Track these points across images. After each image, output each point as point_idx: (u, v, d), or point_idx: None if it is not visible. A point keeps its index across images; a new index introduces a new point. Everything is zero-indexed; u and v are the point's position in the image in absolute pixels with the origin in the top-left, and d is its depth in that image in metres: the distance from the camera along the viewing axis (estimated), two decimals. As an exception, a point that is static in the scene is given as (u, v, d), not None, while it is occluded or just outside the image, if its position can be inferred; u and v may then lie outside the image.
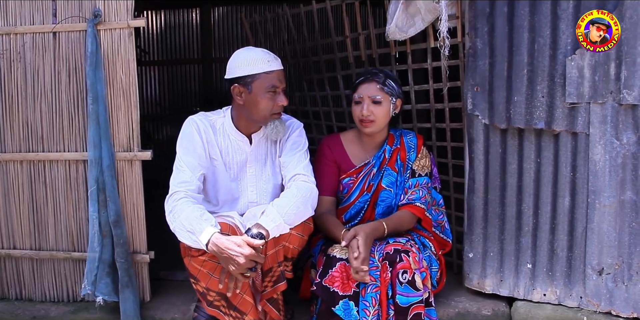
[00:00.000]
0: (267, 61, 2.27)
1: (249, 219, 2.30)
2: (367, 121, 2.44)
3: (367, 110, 2.42)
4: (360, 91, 2.45)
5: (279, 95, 2.28)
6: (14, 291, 2.76)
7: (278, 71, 2.29)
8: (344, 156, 2.57)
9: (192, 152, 2.30)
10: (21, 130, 2.63)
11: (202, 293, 2.28)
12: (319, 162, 2.56)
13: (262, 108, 2.27)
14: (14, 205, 2.68)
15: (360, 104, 2.44)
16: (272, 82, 2.26)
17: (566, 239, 2.43)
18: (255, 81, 2.25)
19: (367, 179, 2.54)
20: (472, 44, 2.48)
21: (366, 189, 2.54)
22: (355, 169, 2.55)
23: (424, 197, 2.49)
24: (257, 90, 2.25)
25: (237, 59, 2.30)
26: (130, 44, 2.53)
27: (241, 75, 2.26)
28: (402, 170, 2.54)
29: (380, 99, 2.42)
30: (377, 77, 2.44)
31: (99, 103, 2.49)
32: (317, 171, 2.51)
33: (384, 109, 2.44)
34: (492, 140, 2.50)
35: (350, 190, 2.54)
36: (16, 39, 2.59)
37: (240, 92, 2.28)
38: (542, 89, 2.37)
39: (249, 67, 2.26)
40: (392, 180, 2.54)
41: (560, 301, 2.47)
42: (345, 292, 2.23)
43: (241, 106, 2.31)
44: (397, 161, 2.55)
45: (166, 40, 6.63)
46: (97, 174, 2.51)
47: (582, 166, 2.37)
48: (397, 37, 2.71)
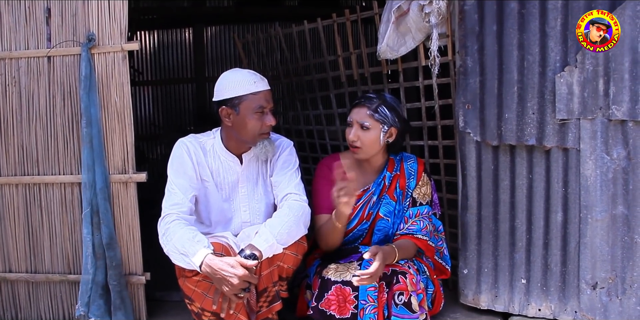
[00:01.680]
0: (254, 82, 2.29)
1: (243, 240, 2.31)
2: (354, 147, 2.42)
3: (353, 135, 2.40)
4: (352, 115, 2.43)
5: (267, 116, 2.30)
6: (9, 314, 2.75)
7: (265, 92, 2.31)
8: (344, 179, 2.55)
9: (183, 174, 2.31)
10: (16, 153, 2.64)
11: (197, 313, 2.27)
12: (318, 182, 2.53)
13: (250, 128, 2.28)
14: (9, 228, 2.68)
15: (350, 128, 2.43)
16: (259, 102, 2.27)
17: (560, 254, 2.45)
18: (243, 102, 2.27)
19: (367, 207, 2.51)
20: (462, 62, 2.51)
21: (365, 217, 2.51)
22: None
23: (425, 228, 2.45)
24: (245, 111, 2.27)
25: (224, 81, 2.33)
26: (124, 67, 2.55)
27: (228, 97, 2.28)
28: (401, 198, 2.51)
29: (368, 125, 2.38)
30: (370, 103, 2.40)
31: (93, 126, 2.51)
32: (316, 190, 2.50)
33: (372, 136, 2.40)
34: (484, 157, 2.53)
35: (350, 217, 2.48)
36: (11, 63, 2.61)
37: (228, 113, 2.30)
38: (533, 105, 2.40)
39: (236, 88, 2.28)
40: (390, 210, 2.50)
41: (555, 316, 2.48)
42: (343, 315, 2.22)
43: (230, 128, 2.33)
44: (396, 189, 2.51)
45: (159, 60, 6.67)
46: (90, 197, 2.52)
47: (574, 181, 2.39)
48: (388, 56, 2.75)
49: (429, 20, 2.60)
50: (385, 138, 2.43)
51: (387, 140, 2.44)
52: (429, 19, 2.60)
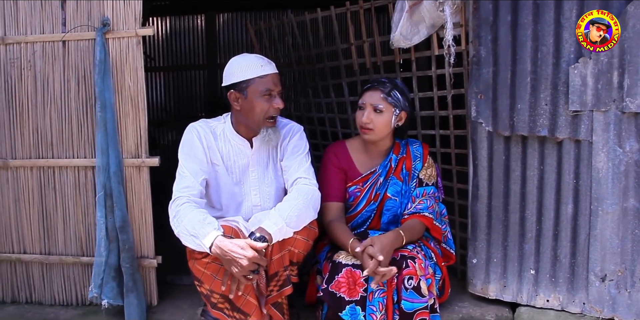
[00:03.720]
0: (261, 66, 2.31)
1: (254, 224, 2.32)
2: (366, 128, 2.46)
3: (366, 118, 2.44)
4: (364, 98, 2.47)
5: (275, 99, 2.31)
6: (24, 295, 2.80)
7: (272, 75, 2.32)
8: (350, 164, 2.58)
9: (194, 158, 2.34)
10: (31, 137, 2.67)
11: (206, 295, 2.31)
12: (325, 169, 2.57)
13: (258, 112, 2.29)
14: (24, 211, 2.72)
15: (362, 111, 2.47)
16: (267, 85, 2.29)
17: (569, 246, 2.45)
18: (250, 86, 2.28)
19: (374, 188, 2.56)
20: (476, 52, 2.51)
21: (373, 198, 2.56)
22: (362, 177, 2.56)
23: (431, 207, 2.50)
24: (253, 94, 2.29)
25: (232, 66, 2.35)
26: (138, 52, 2.57)
27: (236, 82, 2.30)
28: (408, 179, 2.56)
29: (382, 108, 2.43)
30: (383, 87, 2.45)
31: (107, 110, 2.53)
32: (324, 178, 2.53)
33: (384, 119, 2.45)
34: (496, 147, 2.53)
35: (357, 199, 2.56)
36: (26, 47, 2.63)
37: (236, 97, 2.32)
38: (546, 97, 2.40)
39: (243, 72, 2.29)
40: (398, 190, 2.55)
41: (564, 307, 2.49)
42: (352, 297, 2.25)
43: (239, 111, 2.35)
44: (402, 170, 2.56)
45: (172, 46, 6.67)
46: (104, 180, 2.55)
47: (585, 173, 2.39)
48: (401, 44, 2.74)
49: (443, 10, 2.59)
50: (395, 122, 2.48)
51: (397, 124, 2.49)
52: (443, 8, 2.59)
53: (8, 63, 2.65)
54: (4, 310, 2.73)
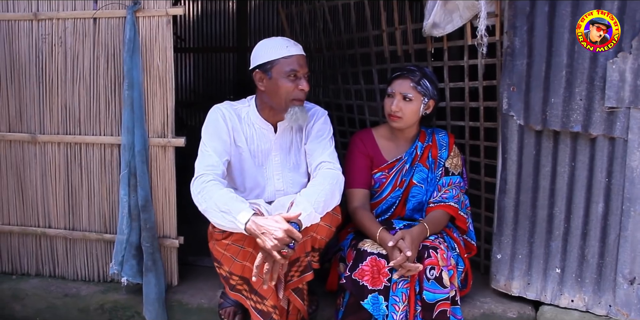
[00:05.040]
0: (286, 46, 2.28)
1: (278, 209, 2.32)
2: (395, 116, 2.45)
3: (396, 106, 2.43)
4: (394, 86, 2.46)
5: (300, 80, 2.28)
6: (48, 268, 2.84)
7: (298, 56, 2.29)
8: (376, 150, 2.57)
9: (218, 138, 2.32)
10: (60, 113, 2.69)
11: (225, 277, 2.31)
12: (351, 156, 2.57)
13: (283, 93, 2.26)
14: (50, 186, 2.75)
15: (391, 99, 2.46)
16: (292, 66, 2.26)
17: (598, 246, 2.39)
18: (275, 66, 2.26)
19: (400, 175, 2.55)
20: (510, 42, 2.44)
21: (398, 184, 2.55)
22: (388, 164, 2.55)
23: (456, 196, 2.50)
24: (277, 75, 2.26)
25: (258, 49, 2.34)
26: (168, 31, 2.55)
27: (262, 63, 2.28)
28: (434, 167, 2.55)
29: (411, 96, 2.42)
30: (413, 75, 2.43)
31: (134, 89, 2.53)
32: (350, 164, 2.53)
33: (413, 107, 2.44)
34: (527, 141, 2.47)
35: (383, 185, 2.55)
36: (58, 24, 2.64)
37: (261, 78, 2.30)
38: (581, 91, 2.32)
39: (269, 53, 2.28)
40: (424, 177, 2.54)
41: (589, 308, 2.44)
42: (376, 286, 2.23)
43: (263, 93, 2.33)
44: (428, 158, 2.55)
45: (202, 28, 6.67)
46: (129, 159, 2.55)
47: (619, 172, 2.32)
48: (434, 33, 2.68)
49: (478, -1, 2.52)
50: (424, 110, 2.47)
51: (425, 112, 2.49)
52: (478, -4, 2.52)
53: (40, 39, 2.66)
54: (29, 282, 2.78)
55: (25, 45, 2.68)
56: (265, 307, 2.22)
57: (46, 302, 2.70)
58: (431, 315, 2.23)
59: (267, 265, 2.07)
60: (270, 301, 2.22)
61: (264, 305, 2.22)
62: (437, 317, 2.23)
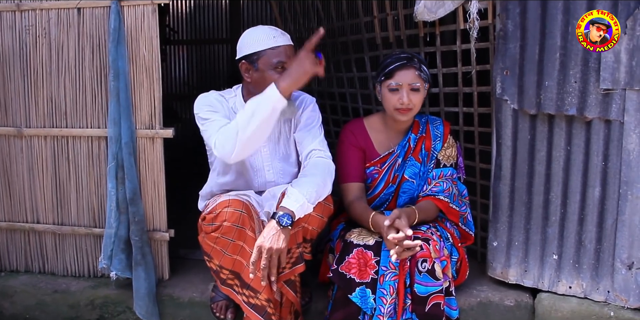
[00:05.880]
0: (273, 37, 2.22)
1: (268, 199, 2.28)
2: (405, 110, 2.33)
3: (407, 99, 2.31)
4: (399, 78, 2.32)
5: None
6: (37, 264, 2.81)
7: (285, 46, 2.23)
8: (368, 143, 2.49)
9: (217, 113, 2.25)
10: (45, 105, 2.64)
11: (215, 271, 2.26)
12: (343, 148, 2.48)
13: (269, 85, 2.19)
14: (37, 180, 2.71)
15: (398, 92, 2.32)
16: (279, 57, 2.20)
17: (595, 231, 2.35)
18: (261, 58, 2.20)
19: (392, 170, 2.47)
20: (502, 25, 2.38)
21: (391, 180, 2.47)
22: (380, 158, 2.47)
23: (447, 190, 2.41)
24: (264, 67, 2.20)
25: (243, 38, 2.28)
26: (154, 20, 2.50)
27: (247, 54, 2.23)
28: (426, 160, 2.46)
29: (418, 86, 2.32)
30: (414, 63, 2.33)
31: (120, 79, 2.48)
32: (342, 158, 2.45)
33: (421, 96, 2.35)
34: (521, 126, 2.42)
35: (375, 181, 2.47)
36: (41, 14, 2.58)
37: (247, 69, 2.25)
38: (575, 73, 2.27)
39: (255, 44, 2.22)
40: (416, 171, 2.46)
41: (587, 295, 2.40)
42: (363, 279, 2.18)
43: (249, 84, 2.28)
44: (421, 151, 2.47)
45: (195, 19, 6.62)
46: (116, 151, 2.51)
47: (615, 155, 2.27)
48: (425, 17, 2.62)
49: (471, -19, 2.47)
50: (425, 97, 2.39)
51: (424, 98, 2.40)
52: (471, -21, 2.47)
53: (23, 30, 2.61)
54: (18, 279, 2.74)
55: (8, 37, 2.63)
56: (259, 301, 2.18)
57: (35, 298, 2.66)
58: (423, 308, 2.17)
59: (264, 260, 2.03)
60: (263, 295, 2.17)
61: (258, 299, 2.18)
62: (430, 310, 2.17)
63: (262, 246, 2.04)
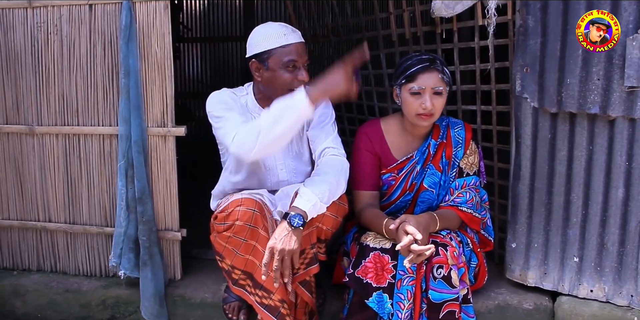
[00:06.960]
0: (284, 34, 2.16)
1: (281, 199, 2.25)
2: (427, 115, 2.24)
3: (430, 103, 2.20)
4: (421, 82, 2.21)
5: (299, 71, 2.16)
6: (49, 263, 2.79)
7: (296, 44, 2.17)
8: (385, 148, 2.40)
9: (232, 110, 2.20)
10: (57, 103, 2.62)
11: (227, 271, 2.23)
12: (357, 153, 2.40)
13: (280, 84, 2.15)
14: (49, 179, 2.69)
15: (420, 96, 2.21)
16: (290, 56, 2.14)
17: (618, 233, 2.28)
18: (272, 56, 2.15)
19: (410, 177, 2.38)
20: (523, 21, 2.32)
21: (408, 188, 2.38)
22: (397, 164, 2.39)
23: (470, 200, 2.32)
24: (275, 65, 2.15)
25: (253, 36, 2.22)
26: (166, 17, 2.46)
27: (258, 52, 2.17)
28: (447, 169, 2.36)
29: (441, 89, 2.22)
30: (437, 66, 2.22)
31: (130, 77, 2.45)
32: (355, 163, 2.38)
33: (443, 101, 2.25)
34: (541, 124, 2.35)
35: (392, 188, 2.39)
36: (53, 11, 2.56)
37: (257, 68, 2.20)
38: (598, 71, 2.20)
39: (265, 42, 2.16)
40: (435, 181, 2.36)
41: (609, 299, 2.33)
42: (380, 284, 2.12)
43: (260, 82, 2.24)
44: (442, 159, 2.36)
45: (209, 17, 6.61)
46: (126, 149, 2.48)
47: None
48: (443, 13, 2.56)
49: (489, -24, 2.41)
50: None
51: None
52: (489, -26, 2.41)
53: (35, 27, 2.59)
54: (30, 278, 2.73)
55: (20, 34, 2.61)
56: (272, 302, 2.14)
57: (47, 298, 2.64)
58: (437, 315, 2.10)
59: (276, 262, 1.99)
60: (277, 295, 2.13)
61: (271, 299, 2.14)
62: (444, 318, 2.11)
63: (274, 248, 1.99)
